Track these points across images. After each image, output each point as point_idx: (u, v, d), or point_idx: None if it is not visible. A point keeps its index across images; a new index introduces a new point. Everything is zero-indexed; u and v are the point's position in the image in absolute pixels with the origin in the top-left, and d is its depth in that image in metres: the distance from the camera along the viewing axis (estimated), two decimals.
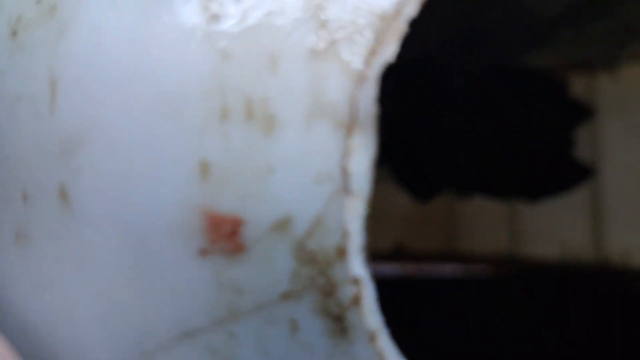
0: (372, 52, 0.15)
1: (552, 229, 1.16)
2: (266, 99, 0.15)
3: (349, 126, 0.15)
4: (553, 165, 0.59)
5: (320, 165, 0.15)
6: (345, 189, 0.15)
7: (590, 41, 0.63)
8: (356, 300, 0.15)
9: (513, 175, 0.62)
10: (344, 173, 0.15)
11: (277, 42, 0.15)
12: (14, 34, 0.21)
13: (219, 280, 0.15)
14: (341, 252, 0.15)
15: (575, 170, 0.66)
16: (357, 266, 0.15)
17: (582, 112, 0.65)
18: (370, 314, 0.15)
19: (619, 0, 0.54)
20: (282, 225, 0.15)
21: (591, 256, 1.12)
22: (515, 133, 0.59)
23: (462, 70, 0.68)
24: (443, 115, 0.58)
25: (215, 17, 0.15)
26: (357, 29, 0.15)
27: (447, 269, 1.23)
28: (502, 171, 0.61)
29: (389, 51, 0.15)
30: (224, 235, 0.15)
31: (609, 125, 1.10)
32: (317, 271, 0.15)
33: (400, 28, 0.15)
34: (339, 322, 0.15)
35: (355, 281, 0.15)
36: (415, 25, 0.16)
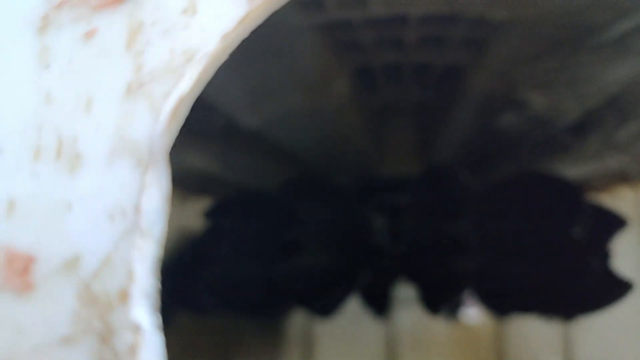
0: (173, 92, 0.14)
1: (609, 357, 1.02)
2: (76, 137, 0.15)
3: (147, 163, 0.14)
4: (591, 279, 0.53)
5: (115, 201, 0.14)
6: (136, 227, 0.13)
7: (621, 149, 0.59)
8: (133, 350, 0.13)
9: (550, 291, 0.56)
10: (137, 210, 0.13)
11: (95, 84, 0.15)
12: None
13: (2, 319, 0.14)
14: (123, 296, 0.13)
15: (615, 285, 0.59)
16: (139, 312, 0.13)
17: (615, 223, 0.59)
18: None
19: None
20: (71, 264, 0.14)
21: None
22: (545, 245, 0.54)
23: (481, 180, 0.65)
24: (463, 227, 0.55)
25: (46, 64, 0.16)
26: (168, 70, 0.15)
27: None
28: (538, 286, 0.55)
29: (186, 87, 0.14)
30: (16, 272, 0.14)
31: None
32: (97, 315, 0.13)
33: (200, 66, 0.14)
34: None
35: (135, 328, 0.13)
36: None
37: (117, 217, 0.13)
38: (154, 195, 0.13)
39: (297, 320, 1.24)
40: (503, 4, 0.40)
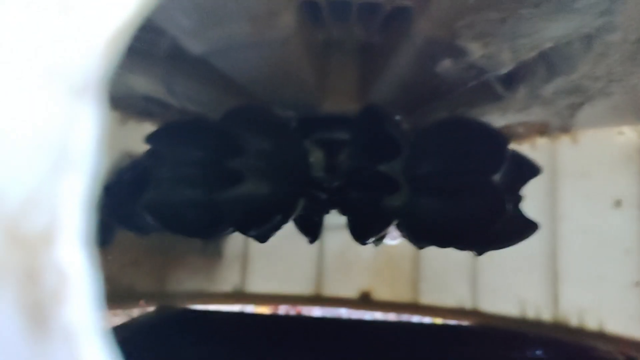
0: (111, 17, 0.12)
1: (512, 287, 1.11)
2: None
3: (81, 91, 0.12)
4: (504, 220, 0.56)
5: (43, 133, 0.12)
6: (65, 160, 0.12)
7: (546, 103, 0.61)
8: (58, 295, 0.12)
9: (467, 229, 0.58)
10: (67, 142, 0.12)
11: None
12: None
13: None
14: (48, 236, 0.12)
15: (524, 225, 0.63)
16: (67, 254, 0.12)
17: (531, 171, 0.62)
18: (75, 310, 0.12)
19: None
20: None
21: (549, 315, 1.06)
22: (467, 187, 0.56)
23: (414, 121, 0.66)
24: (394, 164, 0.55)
25: None
26: None
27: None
28: (456, 224, 0.58)
29: (126, 12, 0.12)
30: None
31: (568, 189, 1.06)
32: (19, 258, 0.12)
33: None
34: (38, 317, 0.12)
35: (61, 272, 0.12)
36: None
37: (44, 149, 0.12)
38: (86, 127, 0.12)
39: (234, 241, 1.25)
40: None
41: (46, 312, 0.12)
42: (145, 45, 0.61)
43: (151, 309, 1.12)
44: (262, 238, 0.59)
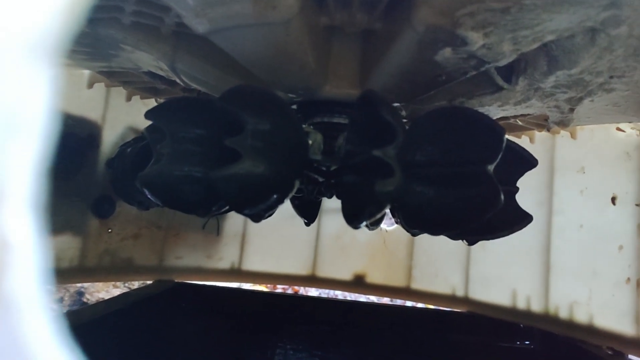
0: None
1: (504, 277, 1.10)
2: None
3: (38, 54, 0.12)
4: (499, 211, 0.55)
5: None
6: (15, 125, 0.11)
7: (545, 97, 0.59)
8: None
9: (461, 218, 0.57)
10: (17, 107, 0.11)
11: None
12: None
13: None
14: None
15: (519, 217, 0.62)
16: (11, 220, 0.11)
17: (527, 163, 0.61)
18: (17, 280, 0.11)
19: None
20: None
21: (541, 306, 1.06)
22: (463, 177, 0.55)
23: (413, 108, 0.65)
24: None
25: None
26: None
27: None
28: (451, 213, 0.57)
29: None
30: None
31: (564, 183, 1.05)
32: None
33: None
34: None
35: (4, 238, 0.11)
36: None
37: None
38: (39, 91, 0.11)
39: (233, 220, 1.25)
40: None
41: None
42: (151, 22, 0.61)
43: (149, 282, 1.13)
44: (257, 217, 0.58)
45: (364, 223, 0.54)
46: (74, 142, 0.96)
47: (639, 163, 0.99)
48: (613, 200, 1.01)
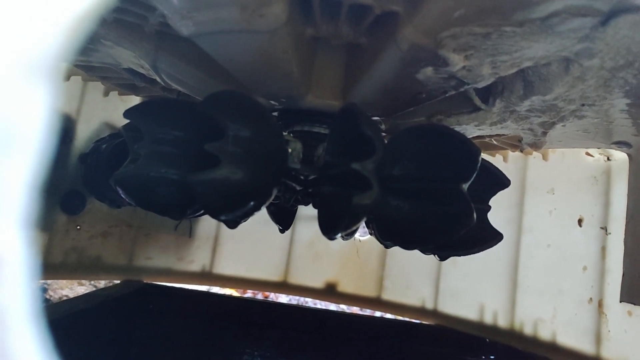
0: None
1: (472, 292, 1.13)
2: None
3: (38, 72, 0.12)
4: (470, 229, 0.56)
5: None
6: (10, 141, 0.12)
7: (520, 119, 0.62)
8: None
9: (434, 234, 0.59)
10: (14, 123, 0.12)
11: None
12: None
13: None
14: None
15: (490, 235, 0.64)
16: (4, 235, 0.12)
17: (500, 183, 0.63)
18: (8, 294, 0.12)
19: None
20: None
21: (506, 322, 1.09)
22: (437, 194, 0.57)
23: (392, 124, 0.66)
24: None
25: None
26: None
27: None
28: (424, 228, 0.58)
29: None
30: None
31: (534, 203, 1.08)
32: None
33: None
34: None
35: None
36: None
37: None
38: (37, 108, 0.12)
39: (206, 223, 1.24)
40: None
41: None
42: (134, 19, 0.60)
43: (117, 281, 1.11)
44: (233, 224, 0.59)
45: (340, 234, 0.54)
46: None
47: (605, 187, 1.02)
48: (579, 222, 1.05)
